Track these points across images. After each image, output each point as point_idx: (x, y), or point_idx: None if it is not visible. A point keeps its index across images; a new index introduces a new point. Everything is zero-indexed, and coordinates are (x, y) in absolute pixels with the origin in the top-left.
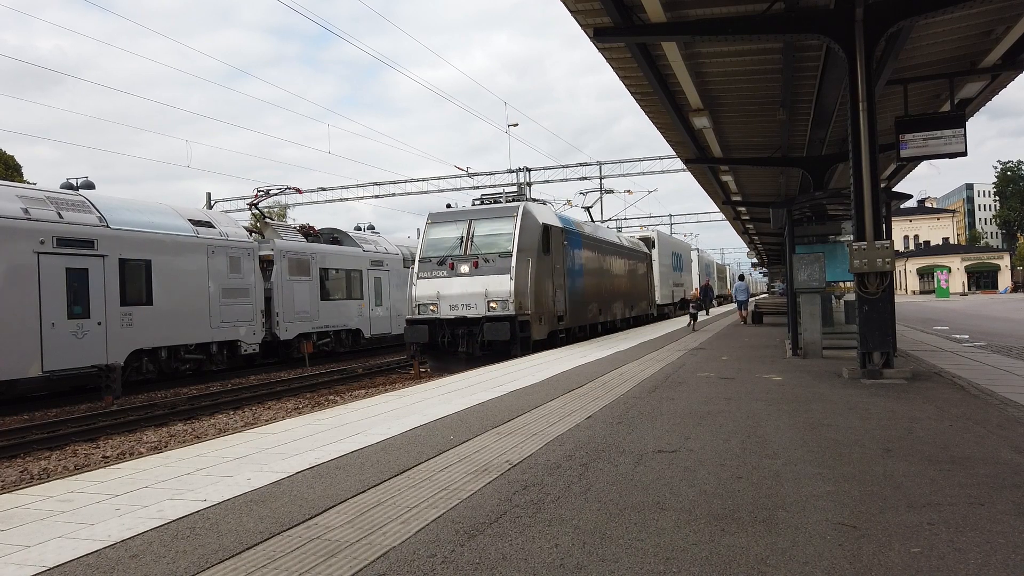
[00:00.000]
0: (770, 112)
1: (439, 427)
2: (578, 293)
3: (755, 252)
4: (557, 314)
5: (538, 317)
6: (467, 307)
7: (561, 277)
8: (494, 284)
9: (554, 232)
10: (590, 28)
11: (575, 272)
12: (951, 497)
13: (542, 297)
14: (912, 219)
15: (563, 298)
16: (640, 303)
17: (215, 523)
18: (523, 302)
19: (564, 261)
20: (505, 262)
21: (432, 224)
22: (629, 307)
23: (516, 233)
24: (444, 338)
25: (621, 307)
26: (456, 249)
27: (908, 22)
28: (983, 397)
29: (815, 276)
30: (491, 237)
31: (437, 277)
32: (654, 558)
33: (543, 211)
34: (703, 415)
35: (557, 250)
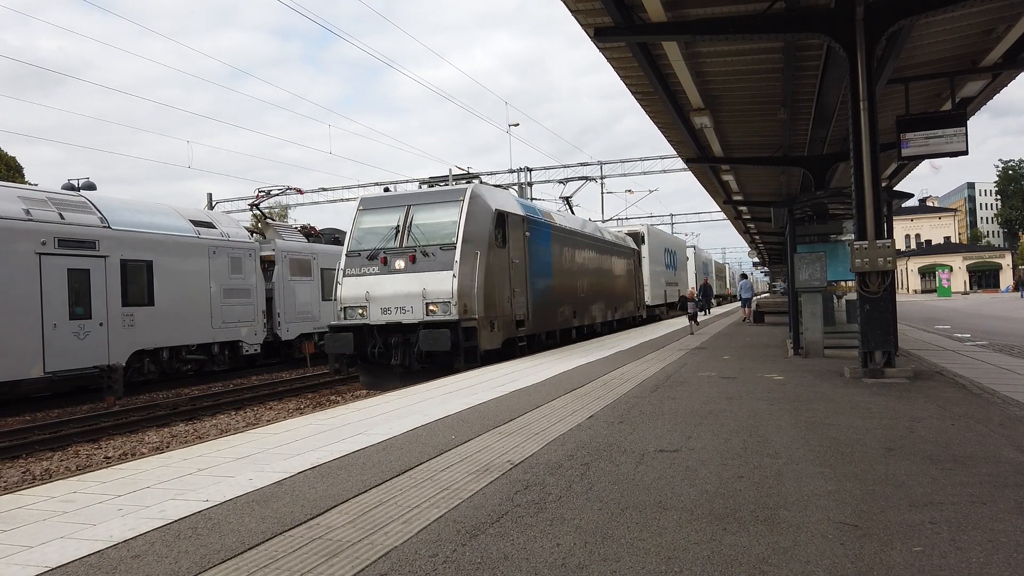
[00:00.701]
0: (771, 111)
1: (440, 427)
2: (545, 293)
3: (756, 251)
4: (516, 318)
5: (489, 322)
6: (402, 310)
7: (522, 274)
8: (434, 282)
9: (512, 221)
10: (591, 28)
11: (541, 269)
12: (953, 496)
13: (495, 298)
14: (913, 218)
15: (524, 300)
16: (626, 304)
17: (217, 523)
18: (469, 304)
19: (526, 256)
20: (447, 256)
21: (363, 211)
22: (612, 309)
23: (461, 221)
24: (375, 348)
25: (602, 309)
26: (390, 241)
27: (909, 21)
28: (985, 396)
29: (816, 275)
30: (432, 226)
31: (367, 275)
32: (656, 558)
33: (498, 196)
34: (704, 414)
35: (517, 242)
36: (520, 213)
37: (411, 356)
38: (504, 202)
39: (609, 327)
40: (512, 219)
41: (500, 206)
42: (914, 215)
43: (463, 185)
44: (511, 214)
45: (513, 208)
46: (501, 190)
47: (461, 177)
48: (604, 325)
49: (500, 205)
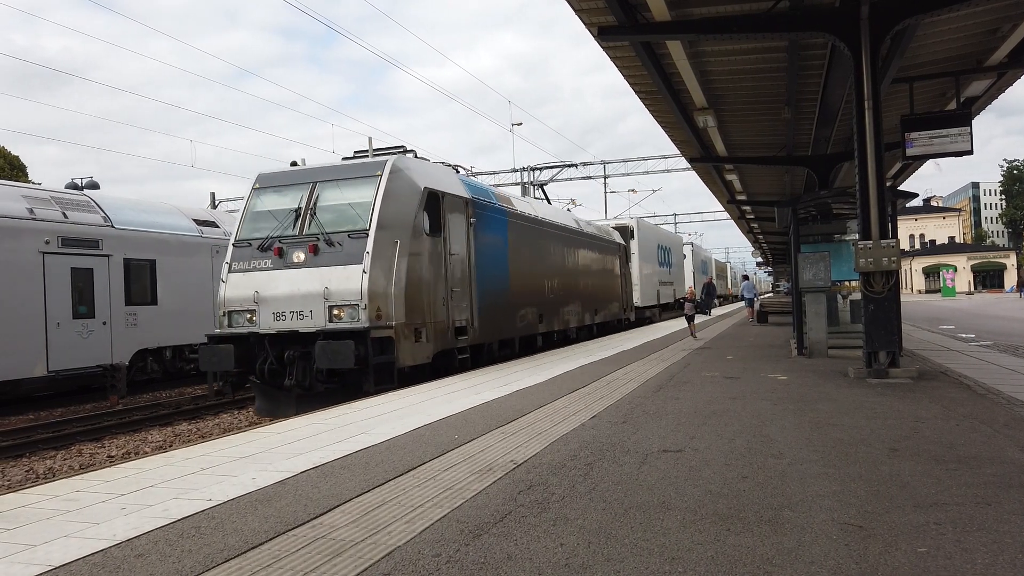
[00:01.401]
0: (775, 111)
1: (443, 427)
2: (498, 294)
3: (760, 251)
4: (455, 324)
5: (412, 330)
6: (299, 315)
7: (464, 270)
8: (339, 279)
9: (450, 203)
10: (594, 27)
11: (493, 263)
12: (958, 497)
13: (422, 300)
14: (918, 218)
15: (468, 301)
16: (609, 306)
17: (220, 522)
18: (384, 307)
19: (471, 247)
20: (357, 246)
21: (259, 190)
22: (591, 311)
23: (377, 201)
24: (267, 364)
25: (577, 312)
26: (289, 227)
27: (913, 20)
28: (990, 396)
29: (820, 275)
30: (340, 208)
31: (257, 270)
32: (659, 558)
33: (431, 172)
34: (708, 415)
35: (457, 230)
36: (462, 195)
37: (310, 375)
38: (438, 180)
39: (588, 332)
40: (450, 201)
41: (432, 184)
42: (918, 215)
43: (381, 158)
44: (448, 195)
45: (451, 188)
46: (437, 165)
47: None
48: (582, 330)
49: (432, 183)
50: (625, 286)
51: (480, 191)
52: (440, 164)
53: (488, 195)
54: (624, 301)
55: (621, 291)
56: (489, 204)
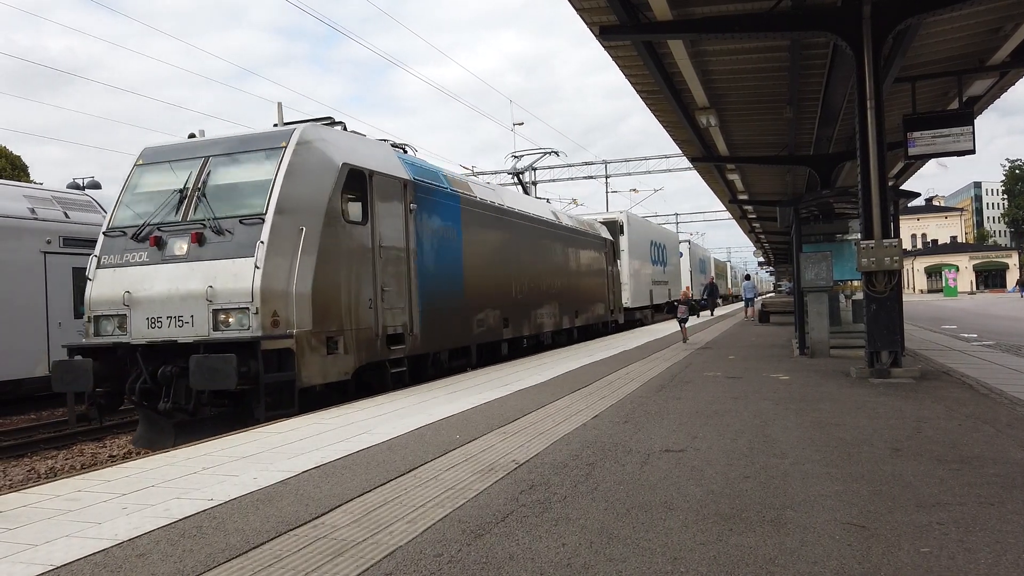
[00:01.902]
0: (776, 110)
1: (444, 426)
2: (447, 295)
3: (762, 251)
4: (388, 331)
5: (324, 340)
6: (178, 321)
7: (400, 265)
8: (226, 276)
9: (381, 186)
10: (596, 26)
11: (442, 258)
12: (961, 497)
13: (337, 301)
14: (920, 218)
15: (407, 304)
16: (593, 307)
17: (221, 522)
18: (283, 311)
19: (410, 237)
20: (250, 234)
21: (142, 167)
22: (571, 314)
23: (278, 180)
24: (140, 382)
25: (553, 314)
26: (171, 212)
27: (916, 19)
28: (992, 396)
29: (822, 275)
30: (233, 188)
31: (130, 264)
32: (661, 558)
33: (355, 147)
34: (710, 414)
35: (391, 218)
36: (399, 175)
37: (189, 396)
38: (365, 156)
39: (567, 337)
40: (381, 182)
41: (355, 161)
42: (920, 215)
43: (286, 128)
44: (378, 174)
45: (383, 166)
46: (366, 139)
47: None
48: (559, 335)
49: (356, 159)
50: (612, 286)
51: (426, 172)
52: (375, 140)
53: (437, 178)
54: (611, 302)
55: (607, 291)
56: (437, 188)
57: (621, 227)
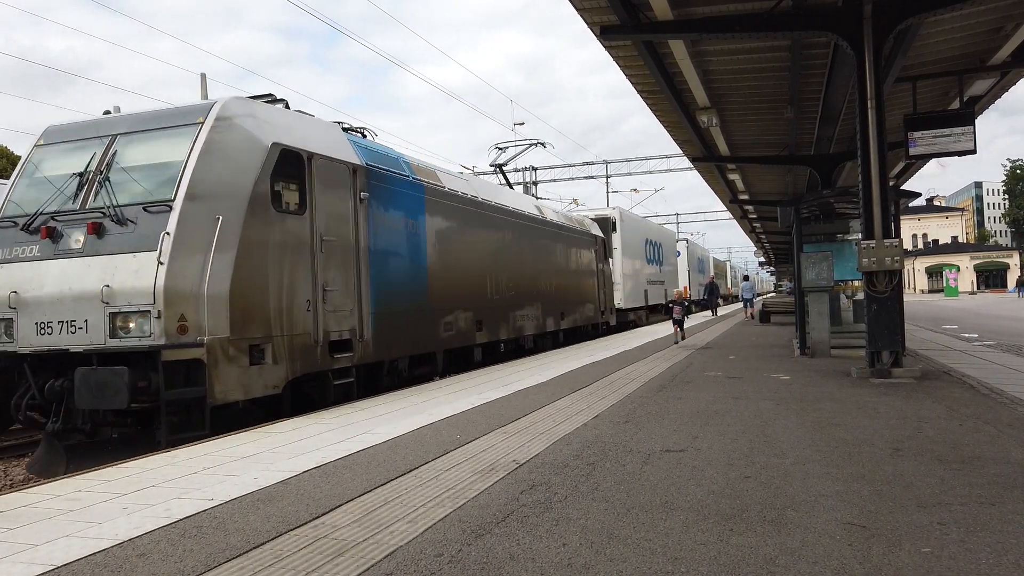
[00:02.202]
0: (777, 110)
1: (445, 426)
2: (408, 295)
3: (762, 251)
4: (332, 337)
5: (246, 348)
6: (71, 326)
7: (349, 262)
8: (126, 273)
9: (323, 171)
10: (596, 26)
11: (401, 254)
12: (961, 497)
13: (266, 302)
14: (921, 217)
15: (356, 305)
16: (581, 308)
17: (222, 522)
18: (193, 314)
19: (363, 231)
20: (155, 224)
21: (42, 148)
22: (556, 315)
23: (191, 161)
24: (28, 397)
25: (535, 316)
26: (69, 199)
27: (917, 19)
28: (993, 396)
29: (823, 275)
30: (142, 171)
31: (19, 260)
32: (662, 558)
33: (291, 126)
34: (711, 414)
35: (336, 208)
36: (348, 159)
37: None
38: (303, 136)
39: (552, 340)
40: (323, 167)
41: (290, 141)
42: (921, 214)
43: (203, 103)
44: (321, 157)
45: (327, 148)
46: (306, 117)
47: None
48: (543, 338)
49: (291, 139)
50: (603, 285)
51: (383, 158)
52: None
53: (397, 165)
54: (601, 302)
55: (597, 291)
56: (396, 176)
57: (614, 224)
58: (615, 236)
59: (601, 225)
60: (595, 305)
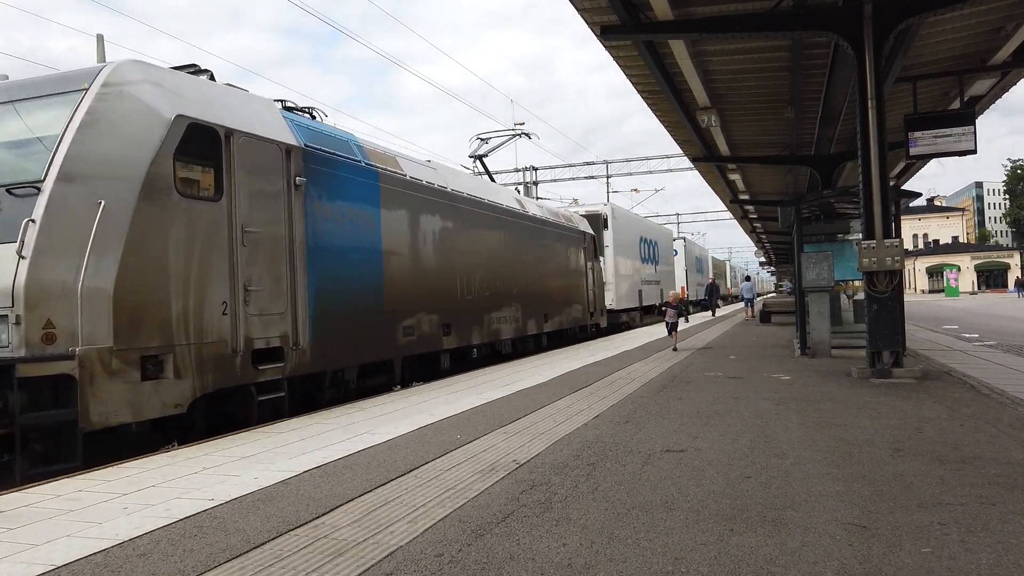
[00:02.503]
0: (778, 110)
1: (446, 426)
2: (359, 296)
3: (763, 251)
4: (257, 344)
5: (133, 361)
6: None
7: (280, 257)
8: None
9: (246, 149)
10: (597, 26)
11: (349, 249)
12: (962, 497)
13: (164, 303)
14: (921, 218)
15: (289, 307)
16: (567, 310)
17: (222, 522)
18: (63, 318)
19: (299, 222)
20: (19, 209)
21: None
22: (538, 317)
23: (68, 134)
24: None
25: (514, 318)
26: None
27: (917, 19)
28: (994, 396)
29: (823, 275)
30: (8, 148)
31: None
32: (662, 558)
33: (203, 95)
34: (711, 414)
35: (263, 194)
36: (279, 139)
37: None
38: (220, 109)
39: (535, 344)
40: (246, 146)
41: (201, 114)
42: (922, 214)
43: (96, 65)
44: (242, 135)
45: (252, 124)
46: (227, 88)
47: None
48: (524, 342)
49: (202, 112)
50: (593, 285)
51: (327, 140)
52: (246, 92)
53: (346, 148)
54: (590, 303)
55: (586, 291)
56: (344, 160)
57: (605, 221)
58: (607, 233)
59: (591, 222)
60: (583, 306)
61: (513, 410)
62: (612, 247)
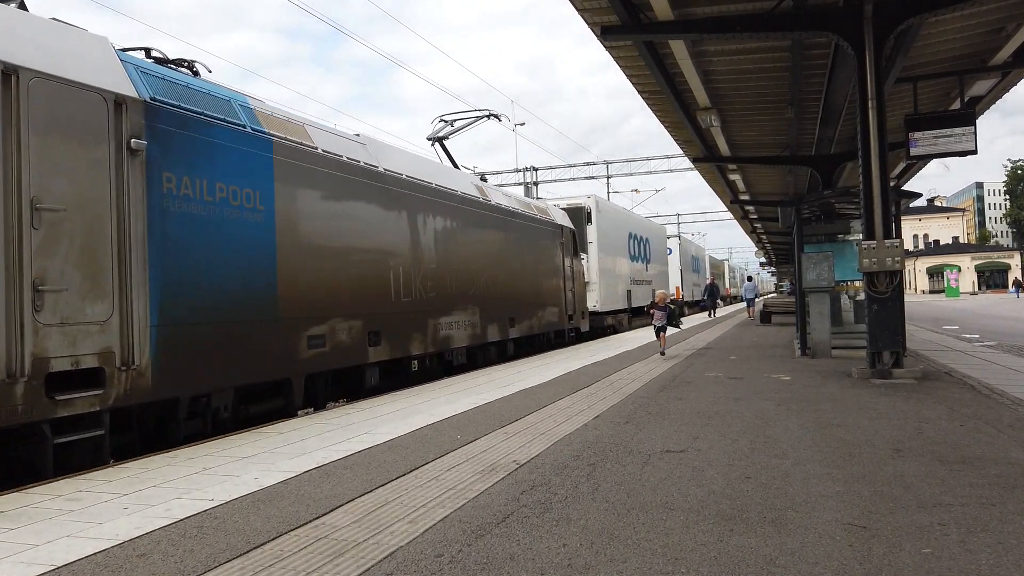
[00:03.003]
0: (778, 110)
1: (446, 426)
2: (237, 298)
3: (763, 251)
4: (54, 366)
5: None
6: None
7: (103, 246)
8: None
9: (46, 96)
10: (597, 27)
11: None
12: (962, 497)
13: None
14: (922, 218)
15: (115, 312)
16: (540, 313)
17: (222, 522)
18: None
19: (141, 199)
20: None
21: None
22: (503, 322)
23: None
24: None
25: (471, 323)
26: None
27: (917, 19)
28: (994, 397)
29: (824, 275)
30: None
31: None
32: (662, 558)
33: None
34: (711, 415)
35: (77, 160)
36: (103, 86)
37: None
38: (3, 38)
39: (499, 352)
40: (44, 90)
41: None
42: (922, 215)
43: None
44: (32, 72)
45: (54, 62)
46: (35, 18)
47: None
48: (486, 349)
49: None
50: (572, 285)
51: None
52: (62, 23)
53: (225, 109)
54: (569, 305)
55: (564, 291)
56: (215, 123)
57: (588, 215)
58: (590, 228)
59: (573, 216)
60: (560, 308)
61: (513, 410)
62: (596, 243)
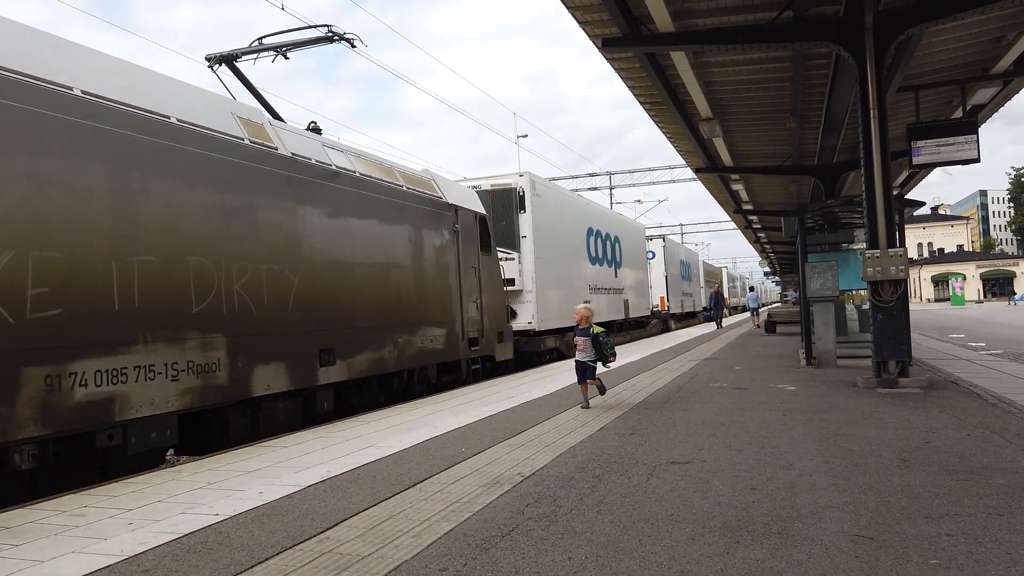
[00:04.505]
0: (780, 120)
1: (450, 439)
2: None
3: (767, 261)
4: None
5: None
6: None
7: None
8: None
9: None
10: (599, 39)
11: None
12: (969, 508)
13: None
14: (926, 226)
15: None
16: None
17: (227, 537)
18: None
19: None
20: None
21: None
22: (307, 358)
23: None
24: None
25: (212, 365)
26: None
27: (918, 29)
28: (1001, 406)
29: (828, 285)
30: None
31: None
32: (668, 571)
33: None
34: (716, 425)
35: None
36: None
37: None
38: None
39: (287, 413)
40: None
41: None
42: (926, 223)
43: None
44: None
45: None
46: None
47: None
48: (268, 405)
49: None
50: (478, 295)
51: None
52: None
53: None
54: (471, 325)
55: (457, 306)
56: None
57: (521, 198)
58: (523, 217)
59: (500, 199)
60: (452, 329)
61: (517, 423)
62: (532, 238)
